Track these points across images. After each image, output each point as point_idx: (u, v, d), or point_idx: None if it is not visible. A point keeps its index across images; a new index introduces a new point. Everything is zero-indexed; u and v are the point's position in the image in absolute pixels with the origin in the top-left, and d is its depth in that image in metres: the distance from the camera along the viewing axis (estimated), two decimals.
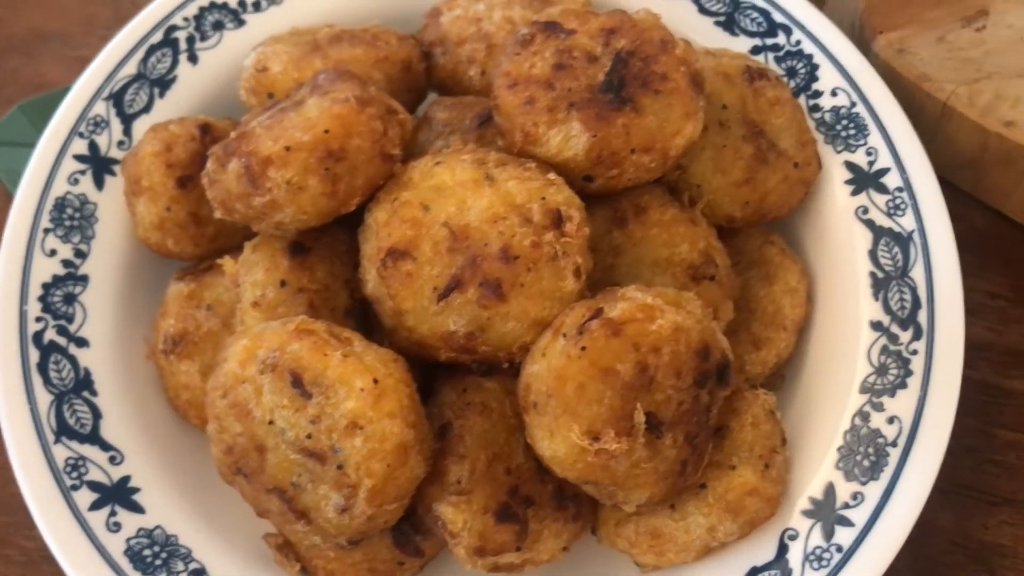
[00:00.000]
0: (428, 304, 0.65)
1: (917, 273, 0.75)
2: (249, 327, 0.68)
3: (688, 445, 0.65)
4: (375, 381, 0.61)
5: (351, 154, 0.66)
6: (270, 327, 0.64)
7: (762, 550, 0.68)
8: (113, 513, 0.69)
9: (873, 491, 0.68)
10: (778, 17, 0.85)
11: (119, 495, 0.70)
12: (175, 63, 0.84)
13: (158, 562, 0.67)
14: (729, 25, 0.86)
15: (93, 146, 0.80)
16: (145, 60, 0.84)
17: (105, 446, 0.71)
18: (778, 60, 0.84)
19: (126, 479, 0.71)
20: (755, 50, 0.85)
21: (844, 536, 0.67)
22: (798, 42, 0.84)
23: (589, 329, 0.61)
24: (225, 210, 0.68)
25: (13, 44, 1.00)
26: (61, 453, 0.70)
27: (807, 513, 0.69)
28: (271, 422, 0.62)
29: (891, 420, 0.70)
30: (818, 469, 0.71)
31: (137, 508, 0.70)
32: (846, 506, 0.68)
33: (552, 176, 0.68)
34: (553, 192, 0.67)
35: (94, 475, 0.70)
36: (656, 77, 0.69)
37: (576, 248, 0.65)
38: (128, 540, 0.68)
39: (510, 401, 0.67)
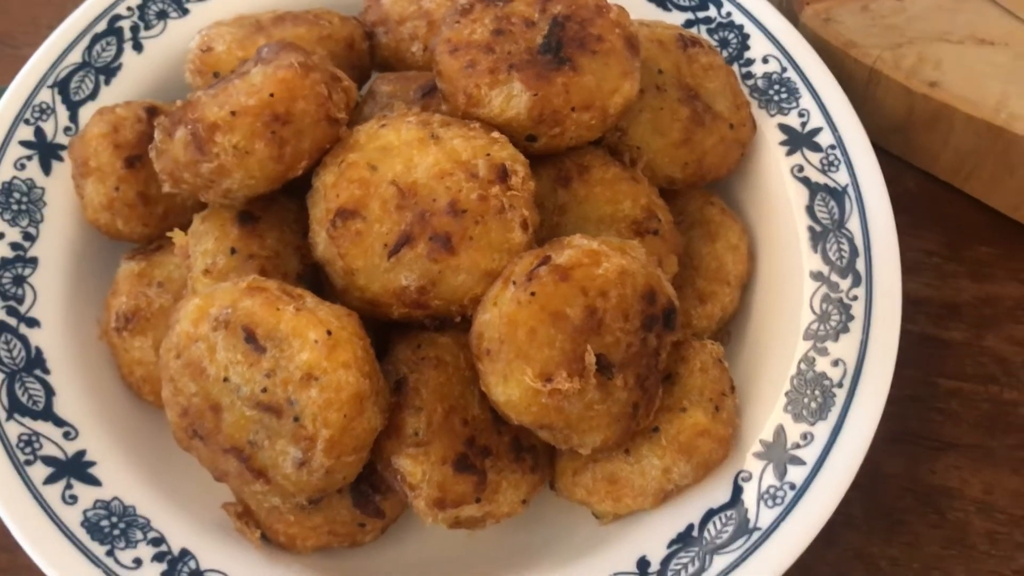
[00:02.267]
0: (379, 262, 0.66)
1: (853, 224, 0.77)
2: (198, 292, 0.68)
3: (639, 387, 0.66)
4: (328, 333, 0.62)
5: (297, 117, 0.67)
6: (221, 287, 0.64)
7: (717, 492, 0.70)
8: (69, 486, 0.68)
9: (822, 430, 0.70)
10: None
11: (74, 469, 0.69)
12: (120, 51, 0.85)
13: (116, 532, 0.67)
14: (662, 1, 0.89)
15: (39, 132, 0.81)
16: (90, 49, 0.84)
17: (59, 422, 0.71)
18: (710, 32, 0.87)
19: (81, 453, 0.70)
20: (688, 23, 0.88)
21: (796, 474, 0.69)
22: (728, 14, 0.87)
23: (538, 275, 0.63)
24: (173, 181, 0.69)
25: None
26: (14, 430, 0.69)
27: (759, 455, 0.71)
28: (226, 379, 0.62)
29: (836, 363, 0.72)
30: (768, 413, 0.72)
31: (93, 481, 0.69)
32: (796, 446, 0.70)
33: (496, 135, 0.69)
34: (498, 149, 0.68)
35: (48, 450, 0.70)
36: (592, 39, 0.72)
37: (522, 201, 0.67)
38: (85, 512, 0.67)
39: (464, 354, 0.69)
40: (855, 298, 0.75)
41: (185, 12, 0.87)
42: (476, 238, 0.66)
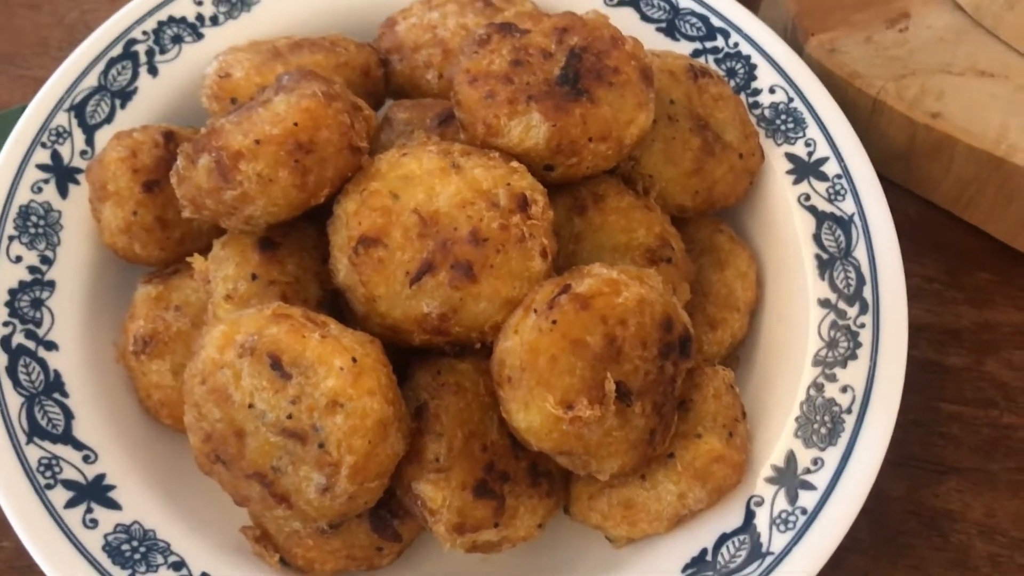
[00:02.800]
0: (401, 288, 0.67)
1: (860, 252, 0.79)
2: (221, 319, 0.69)
3: (656, 414, 0.67)
4: (354, 360, 0.63)
5: (320, 146, 0.68)
6: (246, 314, 0.65)
7: (730, 517, 0.71)
8: (89, 510, 0.69)
9: (832, 456, 0.72)
10: (716, 22, 0.90)
11: (95, 492, 0.70)
12: (135, 75, 0.86)
13: (137, 556, 0.67)
14: (670, 31, 0.90)
15: (56, 156, 0.81)
16: (106, 72, 0.85)
17: (78, 445, 0.71)
18: (718, 62, 0.89)
19: (101, 477, 0.71)
20: (696, 53, 0.89)
21: (808, 499, 0.70)
22: (736, 44, 0.89)
23: (559, 304, 0.64)
24: (195, 207, 0.70)
25: None
26: (34, 453, 0.70)
27: (771, 480, 0.72)
28: (251, 405, 0.63)
29: (844, 389, 0.74)
30: (778, 439, 0.74)
31: (113, 504, 0.70)
32: (807, 471, 0.71)
33: (515, 164, 0.70)
34: (517, 178, 0.69)
35: (68, 474, 0.70)
36: (609, 70, 0.73)
37: (542, 230, 0.68)
38: (106, 536, 0.68)
39: (483, 380, 0.70)
40: (862, 325, 0.76)
41: (200, 37, 0.88)
42: (497, 266, 0.67)
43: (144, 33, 0.87)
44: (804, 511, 0.70)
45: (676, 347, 0.68)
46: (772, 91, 0.86)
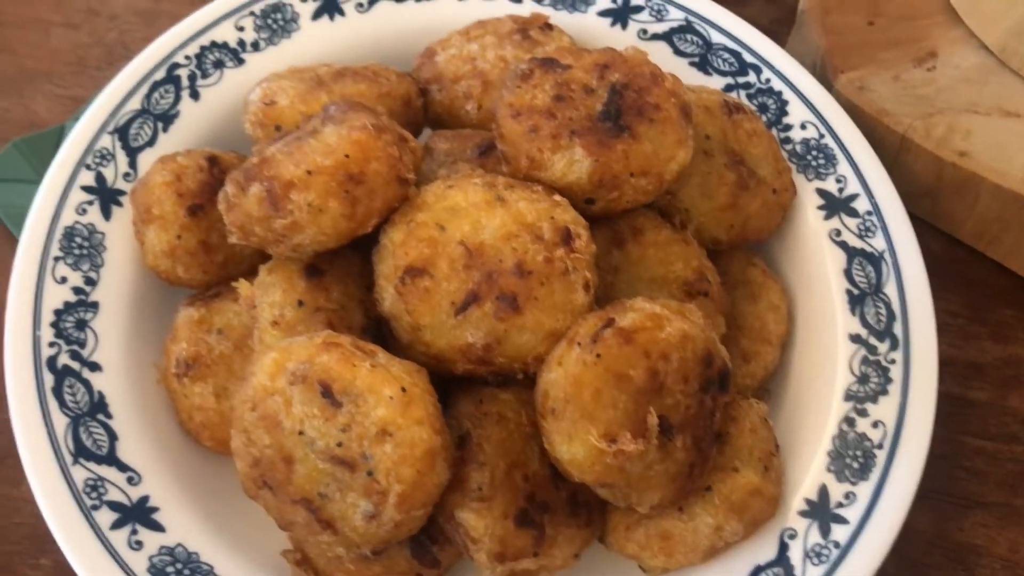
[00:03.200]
0: (446, 318, 0.68)
1: (890, 289, 0.81)
2: (269, 345, 0.70)
3: (695, 448, 0.68)
4: (403, 389, 0.64)
5: (370, 177, 0.69)
6: (297, 341, 0.66)
7: (764, 549, 0.72)
8: (134, 532, 0.69)
9: (864, 490, 0.73)
10: (748, 57, 0.91)
11: (139, 514, 0.70)
12: (178, 99, 0.87)
13: None
14: (703, 65, 0.92)
15: (100, 178, 0.82)
16: (149, 96, 0.86)
17: (122, 467, 0.72)
18: (749, 97, 0.90)
19: (145, 499, 0.72)
20: (728, 88, 0.91)
21: (840, 533, 0.71)
22: (768, 80, 0.90)
23: (603, 337, 0.65)
24: (243, 234, 0.71)
25: (4, 84, 1.01)
26: (80, 474, 0.70)
27: (804, 513, 0.73)
28: (301, 432, 0.64)
29: (875, 424, 0.75)
30: (811, 472, 0.75)
31: (157, 527, 0.70)
32: (840, 505, 0.73)
33: (558, 198, 0.72)
34: (560, 212, 0.71)
35: (113, 495, 0.71)
36: (650, 107, 0.74)
37: (585, 263, 0.70)
38: (151, 558, 0.69)
39: (525, 411, 0.71)
40: (893, 361, 0.78)
41: (241, 62, 0.89)
42: (541, 299, 0.68)
43: (187, 57, 0.88)
44: (837, 544, 0.71)
45: (716, 381, 0.69)
46: (803, 127, 0.88)
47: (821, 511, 0.73)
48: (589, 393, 0.64)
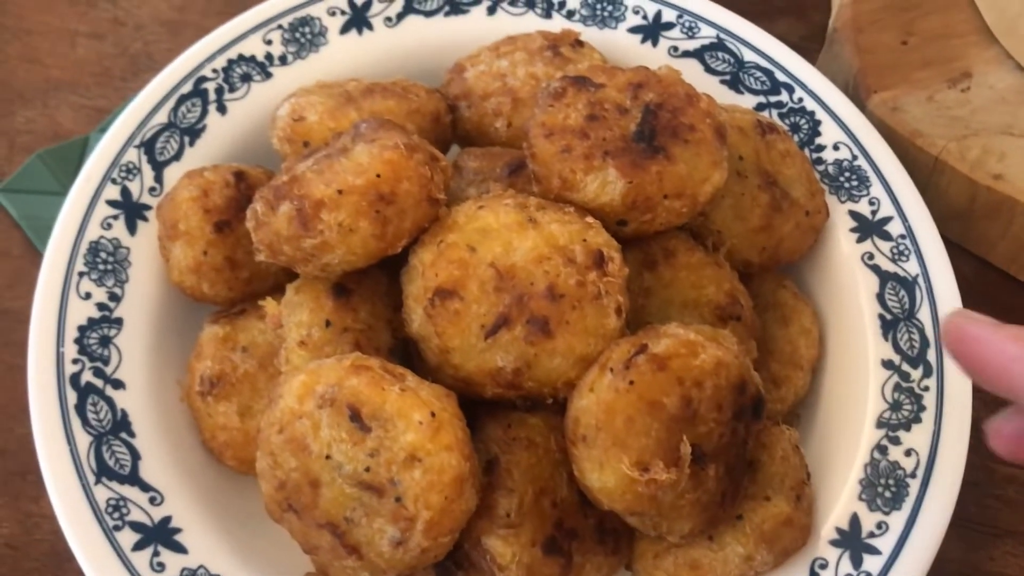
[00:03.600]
0: (475, 341, 0.67)
1: (924, 314, 0.79)
2: (296, 366, 0.69)
3: (728, 476, 0.67)
4: (432, 414, 0.63)
5: (400, 198, 0.68)
6: (325, 364, 0.65)
7: None
8: (156, 553, 0.69)
9: (897, 520, 0.72)
10: (781, 76, 0.90)
11: (161, 535, 0.70)
12: (204, 113, 0.86)
13: None
14: (734, 84, 0.91)
15: (125, 192, 0.82)
16: (175, 109, 0.85)
17: (145, 487, 0.71)
18: (781, 116, 0.89)
19: (167, 519, 0.71)
20: (760, 107, 0.89)
21: (872, 564, 0.70)
22: (800, 100, 0.89)
23: (636, 364, 0.64)
24: (271, 252, 0.70)
25: (28, 95, 1.01)
26: (102, 494, 0.70)
27: (835, 543, 0.72)
28: (328, 456, 0.63)
29: (908, 452, 0.74)
30: (841, 501, 0.73)
31: (180, 548, 0.70)
32: (871, 535, 0.71)
33: (590, 220, 0.71)
34: (593, 234, 0.70)
35: (135, 516, 0.70)
36: (684, 128, 0.73)
37: (617, 287, 0.68)
38: None
39: (554, 436, 0.70)
40: (926, 388, 0.76)
41: (268, 76, 0.89)
42: (573, 323, 0.67)
43: (214, 71, 0.87)
44: (868, 575, 0.70)
45: (749, 409, 0.68)
46: (836, 148, 0.87)
47: (853, 541, 0.71)
48: (621, 420, 0.63)
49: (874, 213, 0.84)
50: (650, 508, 0.65)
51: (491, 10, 0.93)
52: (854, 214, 0.84)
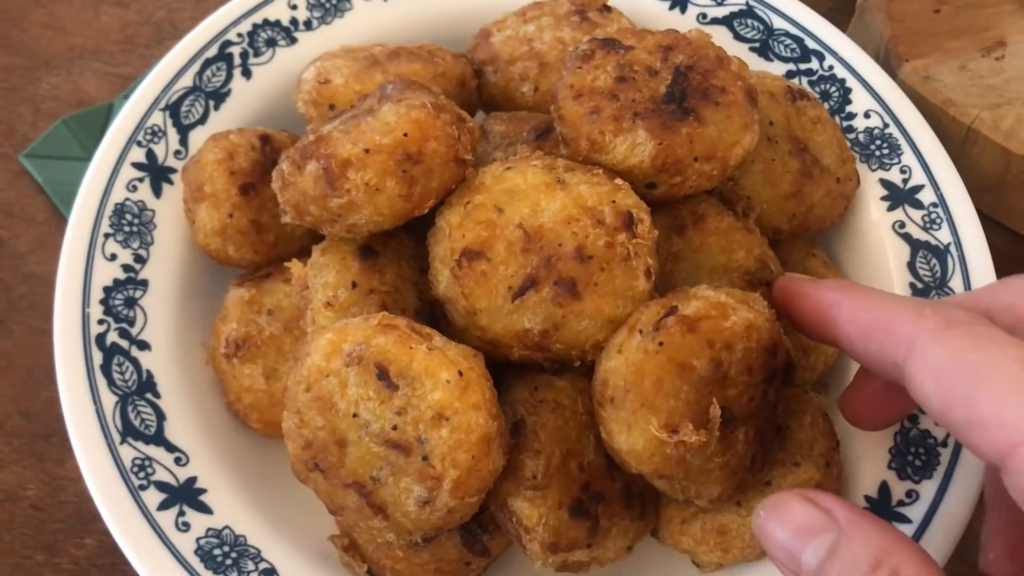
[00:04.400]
0: (503, 303, 0.67)
1: (956, 283, 0.78)
2: (322, 327, 0.69)
3: (757, 441, 0.66)
4: (460, 373, 0.62)
5: (428, 157, 0.67)
6: (352, 323, 0.64)
7: None
8: (182, 513, 0.68)
9: (927, 489, 0.71)
10: (811, 44, 0.89)
11: (186, 495, 0.69)
12: (229, 77, 0.86)
13: (228, 561, 0.67)
14: (764, 51, 0.90)
15: (151, 155, 0.81)
16: (201, 73, 0.85)
17: (170, 447, 0.71)
18: (812, 84, 0.88)
19: (192, 480, 0.71)
20: (789, 74, 0.88)
21: (903, 532, 0.69)
22: (831, 67, 0.88)
23: (665, 325, 0.63)
24: (297, 213, 0.69)
25: (53, 62, 1.01)
26: (128, 453, 0.70)
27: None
28: (355, 415, 0.62)
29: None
30: (871, 469, 0.73)
31: (205, 508, 0.69)
32: (901, 503, 0.70)
33: (619, 182, 0.70)
34: (622, 196, 0.69)
35: (161, 476, 0.70)
36: (715, 90, 0.72)
37: (646, 249, 0.68)
38: (198, 540, 0.68)
39: (581, 399, 0.69)
40: None
41: (293, 41, 0.88)
42: (601, 285, 0.66)
43: (239, 35, 0.87)
44: None
45: (780, 373, 0.67)
46: (867, 116, 0.86)
47: (882, 509, 0.71)
48: (650, 382, 0.62)
49: (905, 181, 0.83)
50: (678, 471, 0.64)
51: None
52: (885, 182, 0.83)
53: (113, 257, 0.77)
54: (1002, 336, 0.50)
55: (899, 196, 0.82)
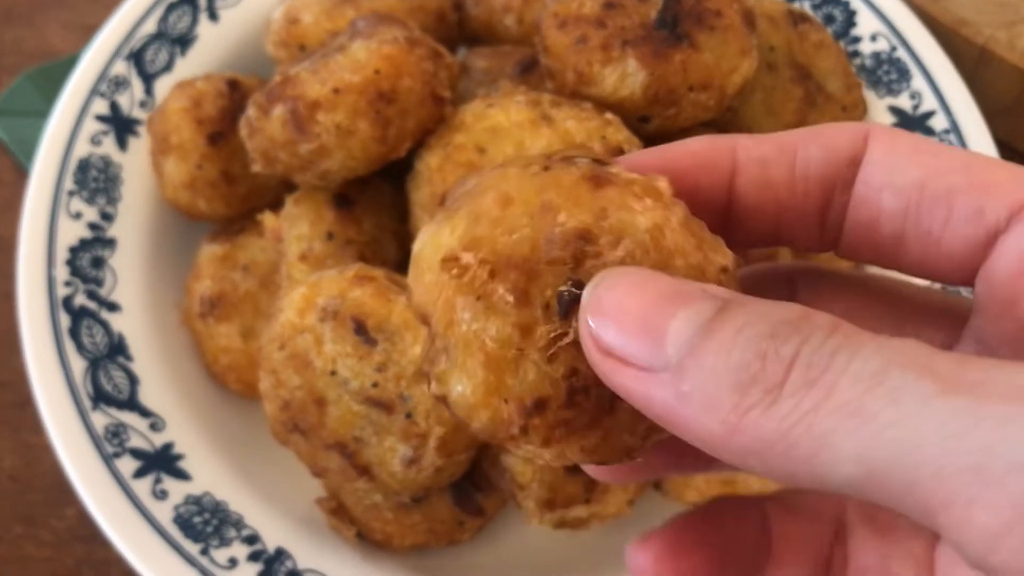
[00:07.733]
0: None
1: None
2: (298, 280, 0.65)
3: None
4: None
5: (402, 96, 0.63)
6: (327, 275, 0.60)
7: None
8: (159, 480, 0.65)
9: None
10: None
11: (163, 462, 0.66)
12: (195, 21, 0.81)
13: (209, 529, 0.64)
14: None
15: (115, 106, 0.77)
16: (165, 18, 0.80)
17: (144, 412, 0.68)
18: (814, 7, 0.83)
19: (169, 445, 0.67)
20: None
21: None
22: None
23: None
24: (266, 161, 0.65)
25: (15, 13, 0.96)
26: (100, 420, 0.66)
27: None
28: (333, 372, 0.59)
29: None
30: None
31: (183, 475, 0.66)
32: None
33: (609, 116, 0.65)
34: (612, 131, 0.64)
35: (135, 442, 0.66)
36: (710, 13, 0.67)
37: None
38: (176, 508, 0.64)
39: None
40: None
41: None
42: None
43: None
44: None
45: None
46: (874, 39, 0.80)
47: None
48: None
49: (916, 108, 0.78)
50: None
51: None
52: (894, 109, 0.78)
53: (78, 215, 0.73)
54: None
55: (910, 123, 0.77)
